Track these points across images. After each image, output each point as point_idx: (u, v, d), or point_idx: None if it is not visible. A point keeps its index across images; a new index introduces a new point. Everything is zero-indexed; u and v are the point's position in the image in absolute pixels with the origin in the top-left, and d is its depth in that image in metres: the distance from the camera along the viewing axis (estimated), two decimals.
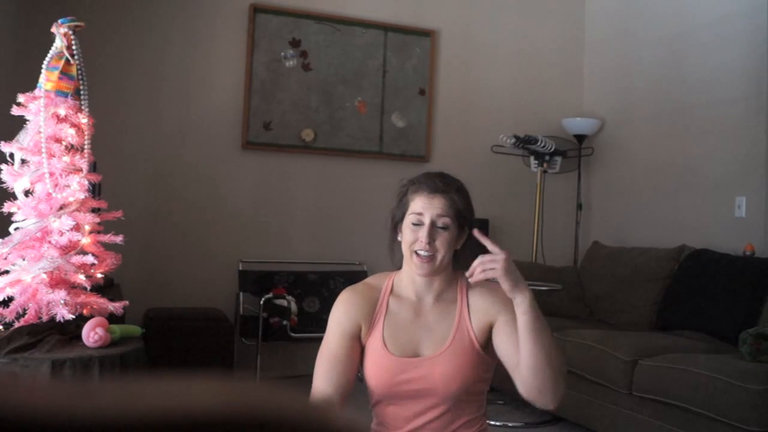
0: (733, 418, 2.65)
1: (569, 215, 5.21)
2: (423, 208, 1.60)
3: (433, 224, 1.59)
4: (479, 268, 1.48)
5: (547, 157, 4.75)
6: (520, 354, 1.48)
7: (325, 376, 1.57)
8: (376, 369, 1.59)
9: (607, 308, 4.22)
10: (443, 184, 1.63)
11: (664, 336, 3.57)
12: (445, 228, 1.60)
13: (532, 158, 4.82)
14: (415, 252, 1.60)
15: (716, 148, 4.21)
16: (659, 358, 3.07)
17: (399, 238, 1.66)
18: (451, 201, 1.61)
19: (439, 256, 1.59)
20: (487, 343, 1.62)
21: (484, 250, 1.53)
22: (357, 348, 1.62)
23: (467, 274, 1.53)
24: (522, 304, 1.47)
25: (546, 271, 4.42)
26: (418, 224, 1.60)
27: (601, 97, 5.20)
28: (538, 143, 4.63)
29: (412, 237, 1.60)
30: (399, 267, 1.70)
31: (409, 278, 1.66)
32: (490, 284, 1.69)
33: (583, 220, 5.17)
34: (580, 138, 5.04)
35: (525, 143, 4.64)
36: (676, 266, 3.96)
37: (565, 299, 4.29)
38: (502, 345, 1.57)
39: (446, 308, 1.64)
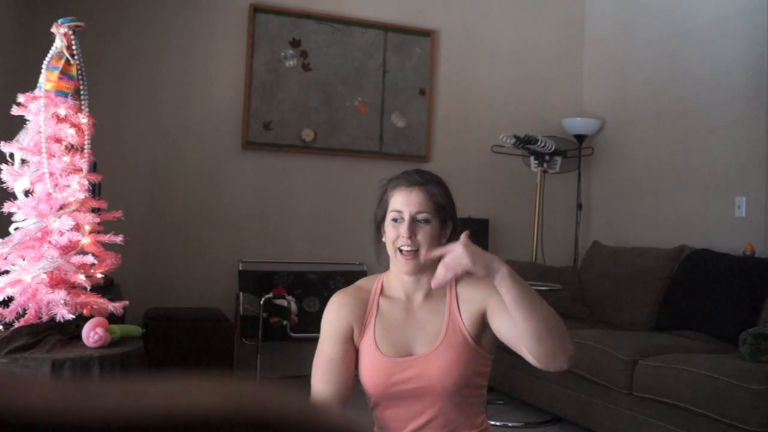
0: (733, 418, 2.65)
1: (569, 215, 5.21)
2: (402, 203, 1.60)
3: (413, 219, 1.58)
4: (443, 271, 1.41)
5: (547, 157, 4.75)
6: (519, 328, 1.42)
7: (322, 379, 1.57)
8: (371, 371, 1.58)
9: (607, 308, 4.21)
10: (421, 178, 1.63)
11: (664, 336, 3.57)
12: (425, 222, 1.59)
13: (532, 158, 4.82)
14: (399, 249, 1.59)
15: (716, 148, 4.21)
16: (659, 358, 3.07)
17: (383, 239, 1.66)
18: (430, 194, 1.60)
19: (423, 251, 1.58)
20: (480, 335, 1.60)
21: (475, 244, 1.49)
22: (352, 350, 1.61)
23: (432, 285, 1.47)
24: (503, 280, 1.39)
25: (546, 271, 4.42)
26: (399, 220, 1.60)
27: (601, 97, 5.20)
28: (538, 143, 4.63)
29: (394, 234, 1.60)
30: (386, 268, 1.69)
31: (397, 278, 1.65)
32: (477, 276, 1.68)
33: (583, 220, 5.17)
34: (580, 138, 5.04)
35: (525, 143, 4.64)
36: (676, 266, 3.96)
37: (565, 299, 4.29)
38: (500, 326, 1.54)
39: (436, 304, 1.63)
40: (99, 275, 2.54)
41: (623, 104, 4.98)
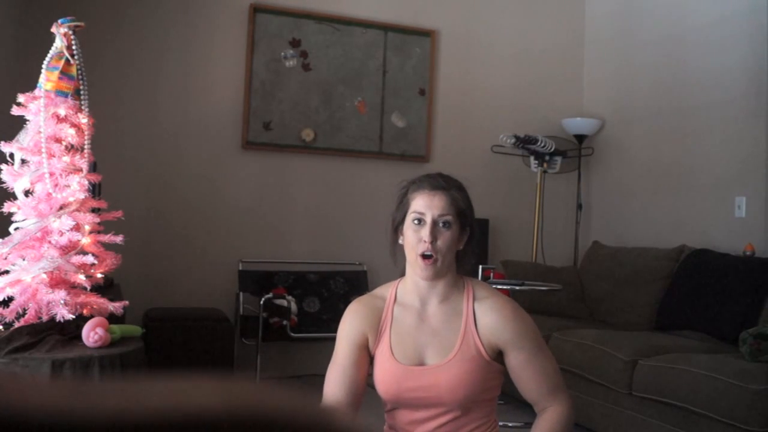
0: (733, 418, 2.65)
1: (569, 215, 5.21)
2: (424, 206, 1.59)
3: (435, 222, 1.58)
4: None
5: (547, 157, 4.75)
6: None
7: (335, 383, 1.59)
8: (384, 377, 1.60)
9: (607, 308, 4.21)
10: (444, 182, 1.63)
11: (664, 336, 3.57)
12: (447, 226, 1.58)
13: (532, 158, 4.82)
14: (420, 254, 1.58)
15: (716, 148, 4.21)
16: (659, 358, 3.07)
17: (400, 241, 1.64)
18: (453, 198, 1.60)
19: (441, 257, 1.58)
20: (496, 354, 1.61)
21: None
22: (365, 357, 1.62)
23: None
24: None
25: (546, 271, 4.42)
26: (420, 223, 1.59)
27: (601, 97, 5.20)
28: (538, 143, 4.63)
29: (414, 238, 1.58)
30: (402, 271, 1.68)
31: (413, 283, 1.64)
32: (497, 299, 1.64)
33: (583, 220, 5.17)
34: (580, 138, 5.04)
35: (525, 143, 4.64)
36: (676, 266, 3.96)
37: (565, 299, 4.29)
38: (515, 379, 1.64)
39: (452, 314, 1.62)
40: (99, 275, 2.53)
41: (623, 104, 4.98)
